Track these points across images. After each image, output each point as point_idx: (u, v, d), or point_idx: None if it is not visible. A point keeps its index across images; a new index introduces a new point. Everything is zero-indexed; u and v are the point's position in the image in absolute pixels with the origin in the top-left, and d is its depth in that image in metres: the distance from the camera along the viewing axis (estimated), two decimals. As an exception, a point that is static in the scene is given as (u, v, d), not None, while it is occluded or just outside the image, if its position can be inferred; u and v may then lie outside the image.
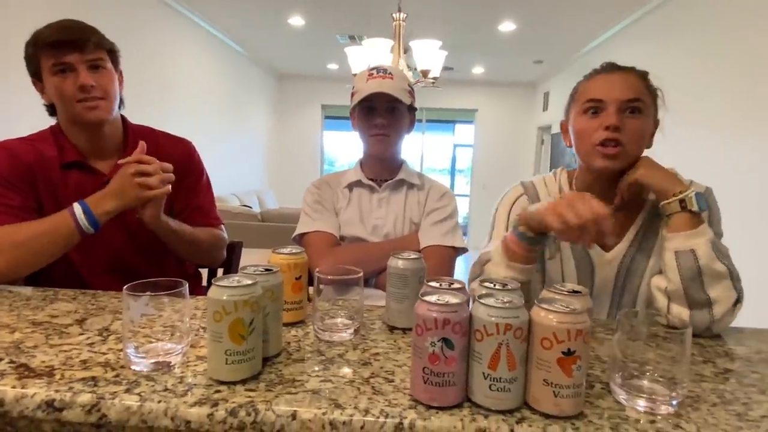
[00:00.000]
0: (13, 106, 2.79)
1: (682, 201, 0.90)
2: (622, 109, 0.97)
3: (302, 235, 1.31)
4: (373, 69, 1.32)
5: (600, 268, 1.06)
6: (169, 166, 1.13)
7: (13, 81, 2.74)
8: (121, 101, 1.29)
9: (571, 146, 1.07)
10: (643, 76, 1.02)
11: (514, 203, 1.12)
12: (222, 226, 1.42)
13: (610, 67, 1.03)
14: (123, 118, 1.31)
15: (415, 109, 1.39)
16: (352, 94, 1.34)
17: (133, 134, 1.30)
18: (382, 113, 1.29)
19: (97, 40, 1.18)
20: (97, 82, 1.16)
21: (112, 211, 1.09)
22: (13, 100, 2.78)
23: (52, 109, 1.25)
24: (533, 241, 0.88)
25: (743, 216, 2.88)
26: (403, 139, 1.37)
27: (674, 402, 0.60)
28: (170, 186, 1.12)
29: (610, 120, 0.95)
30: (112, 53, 1.23)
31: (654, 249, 1.04)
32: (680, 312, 0.89)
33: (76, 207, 1.08)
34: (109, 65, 1.21)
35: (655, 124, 1.04)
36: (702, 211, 0.90)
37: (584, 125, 1.00)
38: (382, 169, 1.38)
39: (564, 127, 1.10)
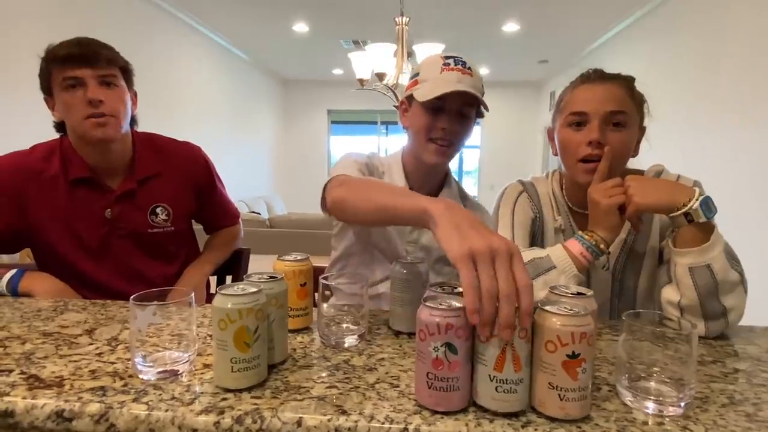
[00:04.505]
0: (17, 119, 2.83)
1: (687, 215, 0.84)
2: (606, 122, 0.96)
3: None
4: (449, 58, 1.10)
5: (595, 269, 1.06)
6: None
7: (14, 96, 2.79)
8: (134, 120, 1.28)
9: (557, 155, 1.07)
10: (628, 84, 1.00)
11: (516, 201, 1.11)
12: (239, 219, 1.53)
13: (595, 77, 1.01)
14: (132, 133, 1.30)
15: (482, 116, 1.17)
16: (415, 81, 1.13)
17: (141, 145, 1.29)
18: (453, 117, 1.09)
19: (110, 56, 1.16)
20: (107, 99, 1.14)
21: (35, 294, 1.10)
22: (17, 113, 2.83)
23: (60, 127, 1.23)
24: (603, 253, 0.92)
25: (750, 212, 2.85)
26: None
27: (682, 403, 0.60)
28: None
29: (593, 135, 0.95)
30: (126, 71, 1.21)
31: (647, 250, 1.04)
32: (695, 324, 0.87)
33: (9, 273, 1.10)
34: (122, 83, 1.19)
35: (641, 131, 1.02)
36: (711, 216, 0.84)
37: (568, 138, 1.00)
38: (427, 179, 1.21)
39: (550, 134, 1.09)
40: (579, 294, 0.68)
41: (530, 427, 0.56)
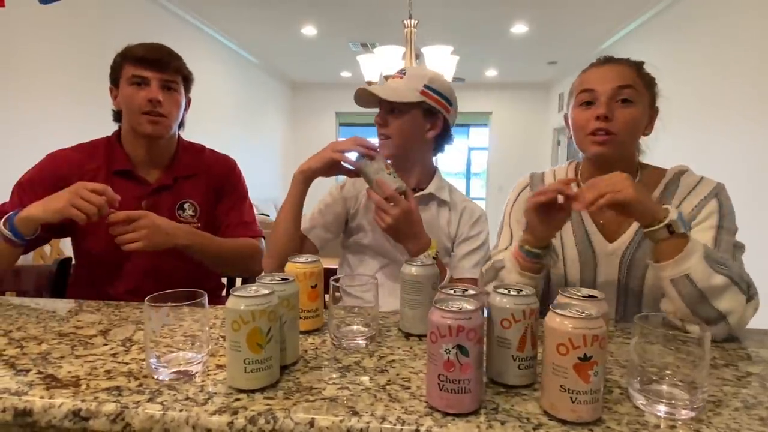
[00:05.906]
0: (21, 118, 2.87)
1: (669, 226, 0.82)
2: (613, 98, 0.99)
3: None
4: (402, 71, 1.28)
5: (602, 259, 1.06)
6: (118, 213, 1.12)
7: (15, 96, 2.82)
8: (182, 123, 1.38)
9: (572, 138, 1.10)
10: (636, 65, 1.03)
11: (518, 195, 1.15)
12: (261, 238, 1.47)
13: (604, 60, 1.06)
14: (178, 135, 1.39)
15: (438, 111, 1.24)
16: None
17: (182, 149, 1.38)
18: (382, 113, 1.24)
19: (177, 65, 1.28)
20: (165, 101, 1.25)
21: (32, 217, 1.06)
22: (22, 111, 2.86)
23: (117, 116, 1.34)
24: (536, 255, 0.94)
25: (761, 214, 2.82)
26: (430, 146, 1.29)
27: (695, 407, 0.60)
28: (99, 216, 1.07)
29: (600, 110, 0.98)
30: (187, 80, 1.33)
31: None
32: (697, 331, 0.86)
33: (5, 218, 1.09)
34: (181, 89, 1.31)
35: (654, 111, 1.05)
36: (687, 229, 0.84)
37: (579, 116, 1.04)
38: (409, 178, 1.28)
39: (566, 120, 1.13)
40: (590, 297, 0.68)
41: (542, 430, 0.56)
